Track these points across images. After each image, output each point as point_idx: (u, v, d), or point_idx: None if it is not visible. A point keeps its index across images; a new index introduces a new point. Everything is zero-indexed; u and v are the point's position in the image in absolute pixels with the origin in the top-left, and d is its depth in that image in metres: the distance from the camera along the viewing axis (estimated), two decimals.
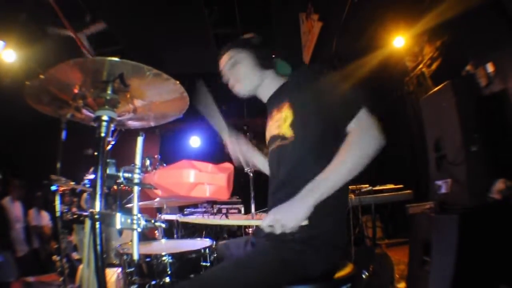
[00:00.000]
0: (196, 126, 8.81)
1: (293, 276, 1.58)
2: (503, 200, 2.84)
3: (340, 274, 1.67)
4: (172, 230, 4.21)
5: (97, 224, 1.13)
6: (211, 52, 6.19)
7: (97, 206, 1.14)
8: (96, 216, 1.13)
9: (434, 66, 5.38)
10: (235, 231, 4.65)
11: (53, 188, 3.01)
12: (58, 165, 3.03)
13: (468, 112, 3.16)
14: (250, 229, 2.93)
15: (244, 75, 1.93)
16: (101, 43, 5.96)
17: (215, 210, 5.46)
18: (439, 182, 3.36)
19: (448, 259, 2.74)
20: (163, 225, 1.20)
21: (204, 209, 5.58)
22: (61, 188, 3.11)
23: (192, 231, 5.71)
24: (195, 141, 8.82)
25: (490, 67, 3.66)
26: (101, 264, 1.12)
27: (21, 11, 5.04)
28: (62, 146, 2.96)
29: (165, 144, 9.39)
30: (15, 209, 6.45)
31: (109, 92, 1.24)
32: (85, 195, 3.61)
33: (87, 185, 3.11)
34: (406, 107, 6.46)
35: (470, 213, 2.82)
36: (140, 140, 1.20)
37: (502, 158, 3.08)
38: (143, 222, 1.14)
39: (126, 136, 1.72)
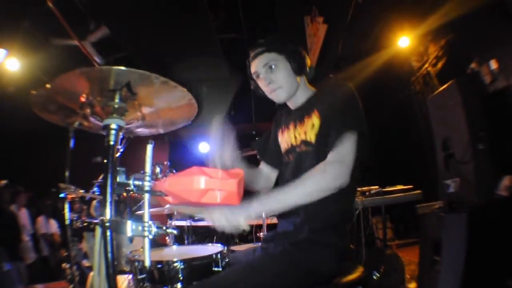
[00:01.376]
0: (205, 132, 8.73)
1: (303, 277, 1.58)
2: (511, 196, 2.83)
3: (351, 277, 1.67)
4: (182, 236, 4.19)
5: (108, 232, 1.12)
6: (217, 57, 6.20)
7: (108, 213, 1.13)
8: (107, 224, 1.12)
9: (439, 65, 5.37)
10: (246, 236, 4.61)
11: (62, 195, 3.03)
12: (67, 173, 3.05)
13: (474, 110, 3.16)
14: (261, 234, 2.90)
15: (285, 81, 1.87)
16: (106, 50, 5.99)
17: None
18: (447, 181, 3.35)
19: (458, 257, 2.73)
20: (175, 232, 1.20)
21: None
22: (70, 196, 3.13)
23: (203, 236, 5.69)
24: (204, 147, 8.78)
25: (493, 64, 3.66)
26: (112, 271, 1.11)
27: (24, 19, 5.06)
28: (70, 154, 2.97)
29: (174, 150, 9.40)
30: (22, 216, 6.43)
31: (116, 100, 1.24)
32: (94, 202, 3.63)
33: (97, 193, 3.14)
34: (413, 106, 6.45)
35: (478, 211, 2.81)
36: (149, 148, 1.20)
37: (509, 154, 3.07)
38: (154, 229, 1.13)
39: (135, 143, 1.72)
